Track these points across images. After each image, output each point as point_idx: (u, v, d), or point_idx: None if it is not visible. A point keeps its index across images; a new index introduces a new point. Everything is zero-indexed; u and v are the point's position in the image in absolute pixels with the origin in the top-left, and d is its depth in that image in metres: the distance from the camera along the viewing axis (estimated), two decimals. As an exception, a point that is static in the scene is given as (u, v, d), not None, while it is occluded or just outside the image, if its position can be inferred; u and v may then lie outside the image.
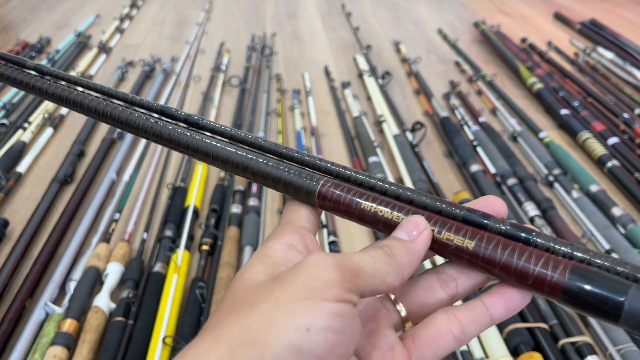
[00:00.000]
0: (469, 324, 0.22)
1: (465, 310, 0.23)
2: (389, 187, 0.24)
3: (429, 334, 0.22)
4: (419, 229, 0.22)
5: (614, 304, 0.19)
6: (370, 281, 0.20)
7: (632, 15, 1.90)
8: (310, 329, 0.17)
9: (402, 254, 0.21)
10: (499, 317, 0.23)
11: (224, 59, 1.38)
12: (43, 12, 1.73)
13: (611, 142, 1.03)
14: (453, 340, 0.22)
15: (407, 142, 1.02)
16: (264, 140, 0.27)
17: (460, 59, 1.45)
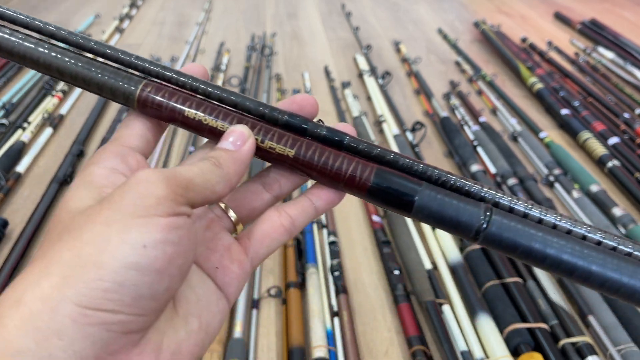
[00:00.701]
0: (297, 215, 0.25)
1: (293, 205, 0.25)
2: (212, 91, 0.24)
3: (262, 229, 0.25)
4: (243, 139, 0.23)
5: (408, 200, 0.22)
6: (201, 192, 0.20)
7: (632, 15, 1.90)
8: (147, 245, 0.17)
9: (228, 163, 0.22)
10: (321, 208, 0.26)
11: (224, 59, 1.37)
12: (43, 12, 1.73)
13: (612, 142, 1.03)
14: (284, 232, 0.25)
15: (407, 142, 1.02)
16: (85, 38, 0.24)
17: (460, 59, 1.45)
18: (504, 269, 0.69)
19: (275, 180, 0.26)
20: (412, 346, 0.60)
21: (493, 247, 0.22)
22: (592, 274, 0.20)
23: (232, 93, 0.24)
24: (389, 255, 0.73)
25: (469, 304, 0.65)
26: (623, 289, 0.20)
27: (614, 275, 0.20)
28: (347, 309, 0.64)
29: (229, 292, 0.23)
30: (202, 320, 0.21)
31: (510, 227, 0.21)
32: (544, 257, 0.21)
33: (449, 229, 0.23)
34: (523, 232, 0.21)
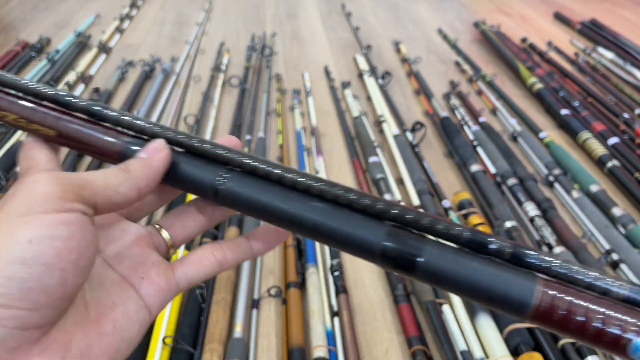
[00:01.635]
0: (231, 252, 0.26)
1: (230, 244, 0.26)
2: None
3: (195, 256, 0.26)
4: (157, 149, 0.24)
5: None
6: (101, 192, 0.21)
7: (632, 15, 1.90)
8: (32, 240, 0.18)
9: (137, 168, 0.23)
10: (259, 250, 0.27)
11: (224, 59, 1.37)
12: (43, 12, 1.73)
13: (611, 142, 1.03)
14: (215, 262, 0.26)
15: (407, 142, 1.02)
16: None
17: (460, 59, 1.45)
18: (504, 269, 0.69)
19: (209, 203, 0.27)
20: (412, 346, 0.60)
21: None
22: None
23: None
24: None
25: (469, 303, 0.65)
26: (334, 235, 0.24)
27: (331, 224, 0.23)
28: (347, 309, 0.64)
29: (151, 303, 0.23)
30: (117, 325, 0.21)
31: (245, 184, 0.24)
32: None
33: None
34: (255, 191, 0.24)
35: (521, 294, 0.19)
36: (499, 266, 0.20)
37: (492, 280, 0.19)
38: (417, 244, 0.21)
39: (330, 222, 0.23)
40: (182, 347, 0.58)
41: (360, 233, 0.23)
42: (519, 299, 0.19)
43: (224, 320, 0.61)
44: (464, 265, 0.20)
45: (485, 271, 0.20)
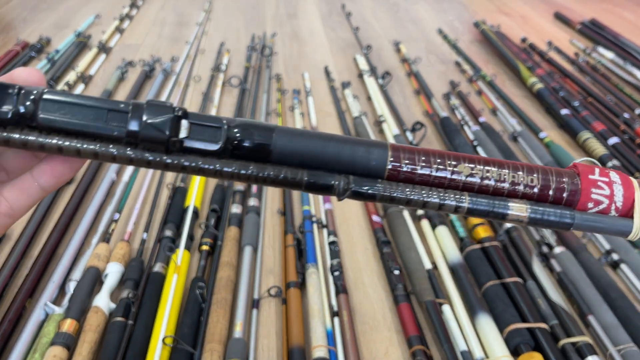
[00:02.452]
0: (16, 198, 0.22)
1: (11, 186, 0.22)
2: None
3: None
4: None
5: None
6: None
7: (632, 15, 1.90)
8: None
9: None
10: (49, 185, 0.22)
11: (224, 59, 1.37)
12: (43, 12, 1.73)
13: (611, 142, 1.03)
14: (3, 216, 0.22)
15: (407, 142, 1.02)
16: None
17: (460, 59, 1.45)
18: (504, 268, 0.69)
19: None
20: (412, 346, 0.60)
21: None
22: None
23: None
24: (389, 255, 0.73)
25: (469, 303, 0.65)
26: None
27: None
28: (347, 309, 0.64)
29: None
30: None
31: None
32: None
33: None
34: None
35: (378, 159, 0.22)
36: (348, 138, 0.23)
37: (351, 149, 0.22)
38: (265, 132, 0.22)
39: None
40: (182, 347, 0.58)
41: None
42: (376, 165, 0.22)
43: (224, 320, 0.61)
44: (316, 141, 0.22)
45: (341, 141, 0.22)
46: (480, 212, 0.22)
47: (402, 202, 0.22)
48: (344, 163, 0.22)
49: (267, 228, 0.79)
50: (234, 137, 0.21)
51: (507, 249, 0.74)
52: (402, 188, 0.22)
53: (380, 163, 0.22)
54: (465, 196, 0.22)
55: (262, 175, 0.21)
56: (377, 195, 0.22)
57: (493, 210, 0.22)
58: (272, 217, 0.82)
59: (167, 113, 0.20)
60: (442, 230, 0.77)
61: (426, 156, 0.22)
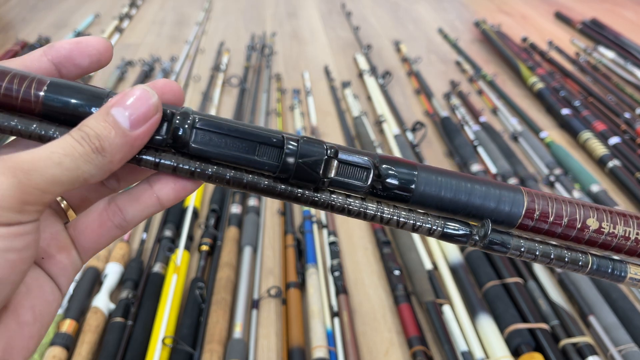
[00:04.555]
0: (131, 209, 0.21)
1: (128, 196, 0.21)
2: None
3: (88, 223, 0.21)
4: (147, 114, 0.18)
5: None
6: (66, 188, 0.17)
7: (632, 15, 1.90)
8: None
9: (114, 150, 0.17)
10: (168, 200, 0.21)
11: (224, 59, 1.37)
12: (42, 11, 1.72)
13: (612, 142, 1.02)
14: (114, 228, 0.21)
15: (408, 142, 1.02)
16: None
17: (460, 59, 1.45)
18: (505, 269, 0.69)
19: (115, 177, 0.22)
20: (412, 346, 0.60)
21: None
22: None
23: None
24: (389, 256, 0.72)
25: (469, 304, 0.65)
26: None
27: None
28: (347, 309, 0.64)
29: (59, 282, 0.20)
30: (37, 311, 0.19)
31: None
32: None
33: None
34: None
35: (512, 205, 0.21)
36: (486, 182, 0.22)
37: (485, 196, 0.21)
38: (408, 171, 0.21)
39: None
40: (182, 348, 0.58)
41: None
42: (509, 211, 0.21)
43: (223, 320, 0.61)
44: (460, 183, 0.21)
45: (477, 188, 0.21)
46: (601, 273, 0.21)
47: (530, 257, 0.21)
48: (486, 210, 0.21)
49: (267, 228, 0.79)
50: (380, 176, 0.21)
51: (508, 249, 0.74)
52: (532, 242, 0.21)
53: (516, 211, 0.21)
54: (589, 257, 0.21)
55: (401, 220, 0.21)
56: (511, 247, 0.21)
57: (612, 272, 0.22)
58: (272, 217, 0.82)
59: (320, 152, 0.20)
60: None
61: (558, 205, 0.21)
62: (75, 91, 0.19)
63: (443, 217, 0.21)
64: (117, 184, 0.22)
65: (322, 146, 0.20)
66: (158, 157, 0.20)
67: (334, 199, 0.21)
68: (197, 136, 0.20)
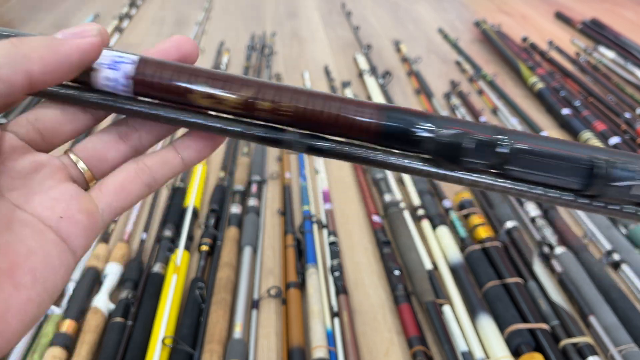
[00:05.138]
0: (158, 168, 0.22)
1: (154, 156, 0.22)
2: None
3: (116, 181, 0.22)
4: (83, 34, 0.19)
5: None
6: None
7: (633, 15, 1.90)
8: None
9: (35, 45, 0.17)
10: (190, 160, 0.23)
11: (224, 59, 1.37)
12: (42, 11, 1.72)
13: (612, 142, 1.02)
14: (142, 185, 0.22)
15: (408, 142, 1.02)
16: None
17: (460, 59, 1.45)
18: (505, 269, 0.69)
19: (133, 129, 0.23)
20: (412, 347, 0.60)
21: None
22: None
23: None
24: (389, 256, 0.72)
25: (469, 304, 0.65)
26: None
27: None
28: (347, 309, 0.64)
29: (75, 244, 0.20)
30: (38, 275, 0.18)
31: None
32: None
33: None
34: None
35: None
36: None
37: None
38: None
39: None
40: (182, 348, 0.58)
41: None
42: None
43: (223, 320, 0.61)
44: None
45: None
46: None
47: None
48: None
49: (267, 228, 0.79)
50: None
51: (508, 249, 0.74)
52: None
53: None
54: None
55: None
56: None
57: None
58: (272, 217, 0.82)
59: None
60: (442, 230, 0.77)
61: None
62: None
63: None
64: (139, 140, 0.23)
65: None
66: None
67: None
68: (515, 161, 0.20)
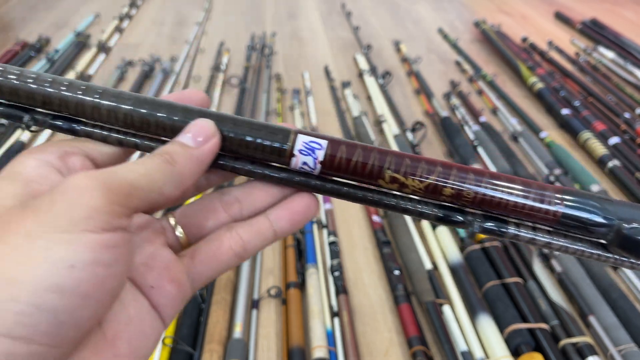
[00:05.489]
0: (250, 239, 0.22)
1: (248, 226, 0.22)
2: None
3: (209, 250, 0.22)
4: (206, 135, 0.20)
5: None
6: (145, 197, 0.17)
7: (633, 15, 1.90)
8: (76, 265, 0.15)
9: (183, 161, 0.19)
10: (282, 231, 0.23)
11: (224, 59, 1.37)
12: (42, 11, 1.73)
13: (612, 142, 1.02)
14: (234, 256, 0.22)
15: (408, 142, 1.02)
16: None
17: (460, 59, 1.45)
18: (505, 269, 0.69)
19: (235, 200, 0.23)
20: (412, 346, 0.60)
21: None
22: None
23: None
24: (389, 256, 0.72)
25: (469, 304, 0.65)
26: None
27: None
28: (347, 309, 0.64)
29: (164, 313, 0.20)
30: (133, 344, 0.18)
31: None
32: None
33: None
34: None
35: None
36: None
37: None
38: None
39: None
40: (182, 348, 0.58)
41: None
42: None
43: (223, 320, 0.61)
44: None
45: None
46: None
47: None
48: None
49: (267, 228, 0.79)
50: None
51: (508, 249, 0.74)
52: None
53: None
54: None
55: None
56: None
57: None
58: (272, 217, 0.81)
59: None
60: (442, 230, 0.77)
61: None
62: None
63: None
64: (240, 211, 0.23)
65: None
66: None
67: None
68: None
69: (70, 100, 0.21)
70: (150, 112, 0.21)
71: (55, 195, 0.16)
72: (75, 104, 0.21)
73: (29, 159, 0.19)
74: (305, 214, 0.23)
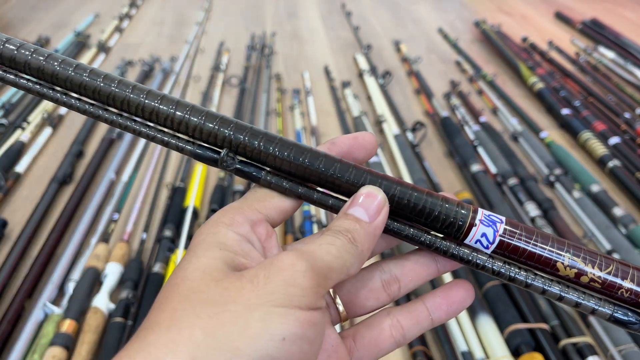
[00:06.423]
0: (410, 327, 0.23)
1: (407, 313, 0.23)
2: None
3: (371, 336, 0.22)
4: (379, 207, 0.20)
5: None
6: (337, 278, 0.19)
7: (633, 15, 1.90)
8: (287, 338, 0.16)
9: (362, 239, 0.20)
10: (439, 320, 0.23)
11: (224, 59, 1.37)
12: (42, 11, 1.72)
13: (612, 142, 1.02)
14: (393, 343, 0.23)
15: (408, 142, 1.02)
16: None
17: (460, 59, 1.45)
18: (505, 269, 0.69)
19: (395, 279, 0.23)
20: (412, 346, 0.60)
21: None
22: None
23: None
24: (389, 256, 0.72)
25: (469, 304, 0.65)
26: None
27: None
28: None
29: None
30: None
31: None
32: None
33: None
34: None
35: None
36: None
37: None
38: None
39: None
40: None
41: None
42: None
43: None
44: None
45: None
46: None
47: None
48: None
49: (267, 228, 0.79)
50: None
51: (508, 249, 0.74)
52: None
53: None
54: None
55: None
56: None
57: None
58: (272, 217, 0.81)
59: None
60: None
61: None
62: None
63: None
64: (399, 291, 0.24)
65: None
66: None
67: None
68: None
69: (270, 154, 0.22)
70: (325, 169, 0.21)
71: (271, 271, 0.17)
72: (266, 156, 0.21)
73: (229, 232, 0.20)
74: (463, 303, 0.24)
